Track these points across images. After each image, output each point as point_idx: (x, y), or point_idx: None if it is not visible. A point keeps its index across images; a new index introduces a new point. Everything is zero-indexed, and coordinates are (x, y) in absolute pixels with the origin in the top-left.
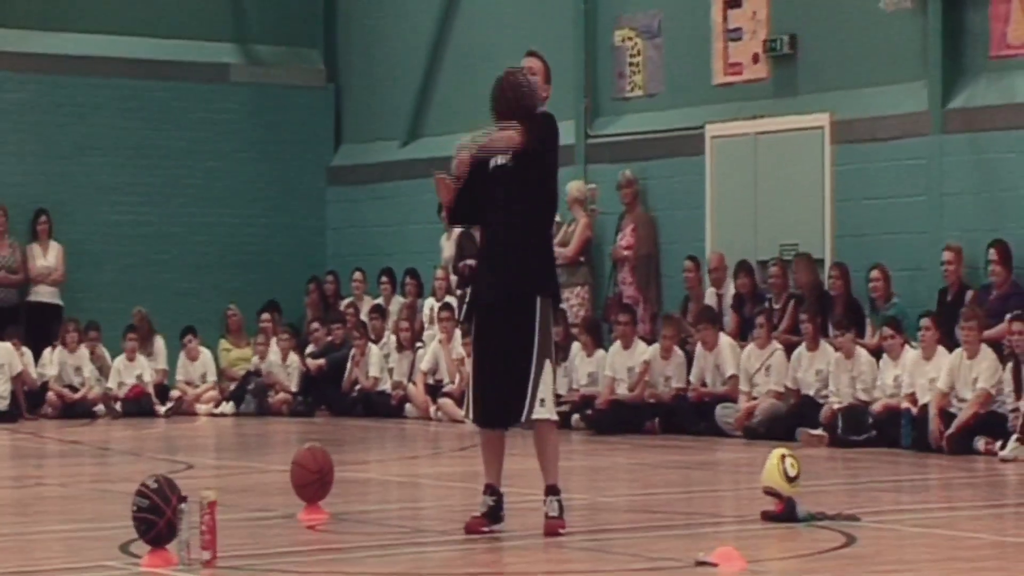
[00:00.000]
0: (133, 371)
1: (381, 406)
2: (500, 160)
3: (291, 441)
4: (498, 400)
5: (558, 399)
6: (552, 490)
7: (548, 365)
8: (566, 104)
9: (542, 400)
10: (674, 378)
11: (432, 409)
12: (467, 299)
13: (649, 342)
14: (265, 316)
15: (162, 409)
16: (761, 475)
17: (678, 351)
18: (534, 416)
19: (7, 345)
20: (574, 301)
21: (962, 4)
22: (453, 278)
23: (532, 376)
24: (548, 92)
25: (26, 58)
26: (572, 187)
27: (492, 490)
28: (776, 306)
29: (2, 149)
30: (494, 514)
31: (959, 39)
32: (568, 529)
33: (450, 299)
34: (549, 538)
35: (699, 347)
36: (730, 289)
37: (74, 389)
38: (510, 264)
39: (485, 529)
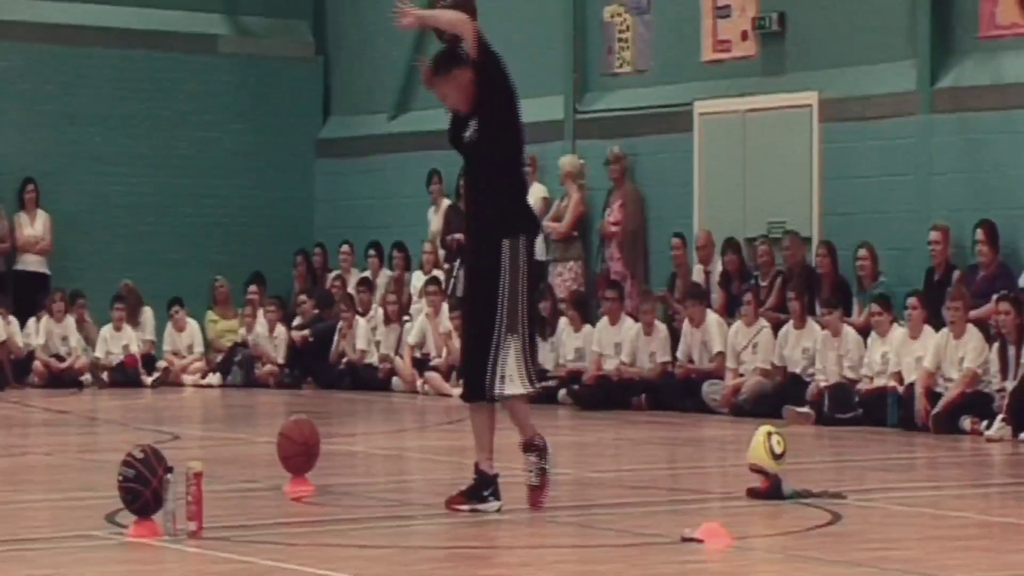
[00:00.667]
0: (120, 341)
1: (368, 379)
2: (467, 134)
3: (278, 413)
4: (470, 371)
5: (545, 374)
6: (529, 447)
7: (515, 337)
8: (555, 79)
9: (503, 376)
10: (658, 353)
11: (419, 383)
12: (455, 272)
13: (637, 319)
14: (252, 288)
15: (149, 379)
16: (747, 452)
17: (660, 326)
18: (496, 393)
19: None
20: (567, 276)
21: None
22: (441, 251)
23: (493, 350)
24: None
25: (13, 27)
26: (565, 162)
27: (476, 468)
28: (763, 283)
29: None
30: (474, 493)
31: (948, 19)
32: (555, 504)
33: (437, 273)
34: (535, 510)
35: (686, 324)
36: (717, 266)
37: (60, 359)
38: (482, 214)
39: (459, 507)
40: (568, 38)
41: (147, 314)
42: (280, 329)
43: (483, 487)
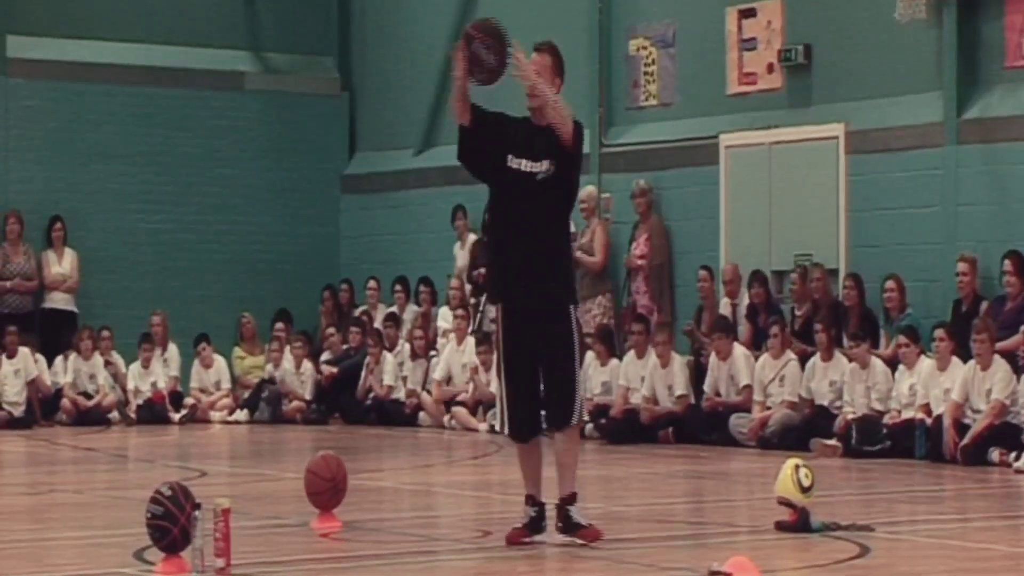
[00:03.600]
0: (148, 379)
1: (395, 414)
2: (536, 168)
3: (305, 449)
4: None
5: None
6: (573, 498)
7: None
8: (580, 113)
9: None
10: (676, 386)
11: (446, 418)
12: (482, 308)
13: None
14: (279, 325)
15: (176, 416)
16: (775, 485)
17: (676, 357)
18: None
19: (24, 351)
20: (596, 311)
21: (977, 15)
22: (467, 287)
23: (576, 382)
24: (558, 86)
25: (41, 65)
26: (586, 194)
27: (534, 500)
28: (798, 314)
29: (18, 156)
30: (535, 525)
31: (974, 50)
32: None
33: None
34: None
35: (713, 357)
36: (744, 299)
37: (88, 396)
38: (549, 272)
39: (526, 540)
40: (593, 72)
41: (172, 350)
42: (307, 365)
43: (543, 517)
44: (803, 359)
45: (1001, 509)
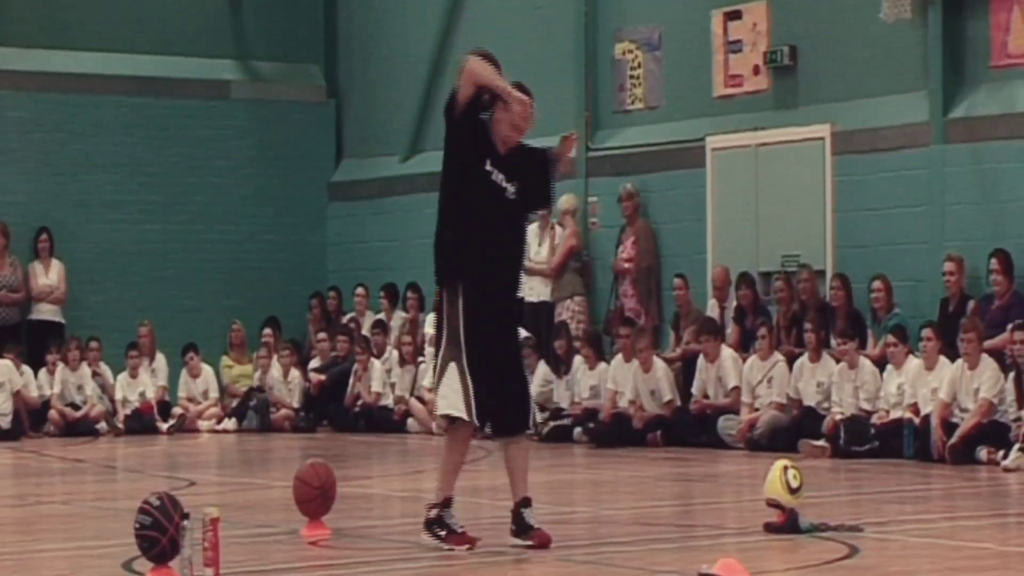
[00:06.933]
0: (136, 388)
1: (383, 421)
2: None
3: (293, 457)
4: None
5: (560, 412)
6: (529, 502)
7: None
8: (567, 117)
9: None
10: (660, 391)
11: (434, 424)
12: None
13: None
14: (267, 332)
15: (164, 426)
16: (764, 487)
17: (658, 361)
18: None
19: (7, 363)
20: (566, 315)
21: (962, 14)
22: None
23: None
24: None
25: (27, 76)
26: (561, 201)
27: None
28: (783, 321)
29: (4, 167)
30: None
31: (959, 49)
32: (571, 543)
33: None
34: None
35: (701, 359)
36: (732, 301)
37: (76, 407)
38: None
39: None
40: (579, 76)
41: (160, 360)
42: (295, 373)
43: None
44: (791, 360)
45: (990, 508)
